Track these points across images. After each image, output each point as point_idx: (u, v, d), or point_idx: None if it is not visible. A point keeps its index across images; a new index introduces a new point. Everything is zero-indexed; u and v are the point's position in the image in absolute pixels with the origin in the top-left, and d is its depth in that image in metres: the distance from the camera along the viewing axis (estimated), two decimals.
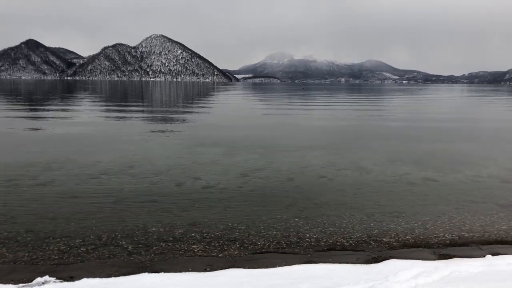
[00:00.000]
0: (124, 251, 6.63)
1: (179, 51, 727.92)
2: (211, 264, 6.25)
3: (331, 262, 6.25)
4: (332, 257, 6.57)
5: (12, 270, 5.93)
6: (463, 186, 10.88)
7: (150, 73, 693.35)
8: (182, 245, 6.93)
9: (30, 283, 5.45)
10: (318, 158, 14.17)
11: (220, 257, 6.55)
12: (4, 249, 6.63)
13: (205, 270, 5.99)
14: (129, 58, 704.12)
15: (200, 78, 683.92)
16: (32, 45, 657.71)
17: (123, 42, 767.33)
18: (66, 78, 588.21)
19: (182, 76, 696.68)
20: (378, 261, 6.38)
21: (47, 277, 5.60)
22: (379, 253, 6.78)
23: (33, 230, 7.39)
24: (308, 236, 7.40)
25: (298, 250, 6.86)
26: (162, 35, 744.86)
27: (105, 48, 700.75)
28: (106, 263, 6.22)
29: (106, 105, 44.80)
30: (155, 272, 5.85)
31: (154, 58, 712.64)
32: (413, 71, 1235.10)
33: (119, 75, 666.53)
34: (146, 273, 5.78)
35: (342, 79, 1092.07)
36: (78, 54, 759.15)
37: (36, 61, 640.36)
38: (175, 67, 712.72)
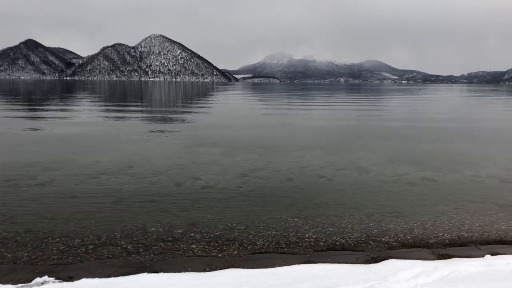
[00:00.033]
0: (123, 251, 6.63)
1: (179, 51, 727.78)
2: (211, 264, 6.25)
3: (330, 262, 6.25)
4: (331, 257, 6.57)
5: (11, 270, 5.93)
6: (462, 186, 10.89)
7: (150, 73, 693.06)
8: (181, 245, 6.93)
9: (29, 283, 5.45)
10: (318, 158, 14.17)
11: (219, 257, 6.55)
12: (3, 249, 6.62)
13: (204, 270, 5.99)
14: (128, 58, 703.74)
15: (199, 78, 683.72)
16: (31, 45, 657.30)
17: (122, 42, 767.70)
18: (65, 78, 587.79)
19: (182, 76, 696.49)
20: (377, 261, 6.38)
21: (46, 277, 5.60)
22: (379, 253, 6.79)
23: (32, 230, 7.38)
24: (307, 236, 7.40)
25: (297, 250, 6.86)
26: (161, 35, 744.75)
27: (104, 48, 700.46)
28: (105, 263, 6.21)
29: (105, 105, 44.78)
30: (155, 272, 5.84)
31: (154, 58, 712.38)
32: (412, 71, 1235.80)
33: (118, 75, 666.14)
34: (146, 273, 5.77)
35: (342, 79, 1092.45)
36: (77, 54, 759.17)
37: (35, 61, 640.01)
38: (175, 67, 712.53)
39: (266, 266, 6.11)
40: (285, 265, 6.14)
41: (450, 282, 5.35)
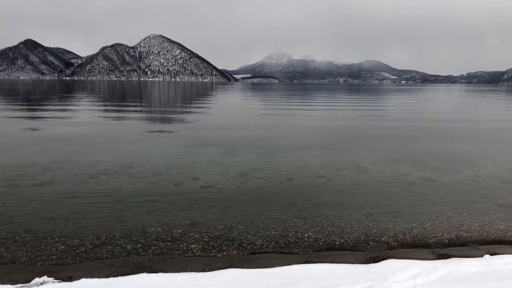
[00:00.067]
0: (122, 251, 6.63)
1: (178, 51, 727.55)
2: (210, 264, 6.25)
3: (330, 262, 6.25)
4: (330, 257, 6.57)
5: (10, 271, 5.92)
6: (462, 186, 10.90)
7: (149, 73, 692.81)
8: (180, 245, 6.93)
9: (28, 284, 5.45)
10: (317, 158, 14.18)
11: (218, 257, 6.55)
12: (2, 249, 6.62)
13: (203, 270, 5.99)
14: (127, 58, 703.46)
15: (198, 78, 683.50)
16: (30, 45, 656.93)
17: (122, 42, 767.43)
18: (64, 78, 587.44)
19: (181, 76, 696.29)
20: (376, 261, 6.39)
21: (46, 277, 5.60)
22: (378, 253, 6.79)
23: (31, 230, 7.38)
24: (306, 236, 7.41)
25: (296, 250, 6.87)
26: (160, 35, 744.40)
27: (103, 48, 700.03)
28: (104, 263, 6.21)
29: (105, 105, 44.76)
30: (154, 272, 5.84)
31: (153, 58, 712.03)
32: (411, 71, 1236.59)
33: (118, 75, 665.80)
34: (145, 273, 5.77)
35: (341, 79, 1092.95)
36: (77, 54, 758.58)
37: (34, 61, 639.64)
38: (174, 67, 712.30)
39: (265, 266, 6.12)
40: (284, 265, 6.15)
41: (449, 282, 5.35)
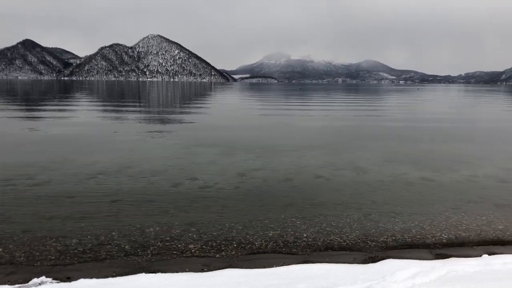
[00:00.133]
0: (121, 252, 6.62)
1: (176, 51, 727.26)
2: (209, 264, 6.25)
3: (328, 262, 6.26)
4: (329, 257, 6.58)
5: (8, 271, 5.91)
6: (460, 186, 10.92)
7: (147, 73, 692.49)
8: (179, 245, 6.92)
9: (26, 284, 5.44)
10: (316, 158, 14.18)
11: (217, 257, 6.55)
12: (0, 249, 6.60)
13: (202, 270, 5.99)
14: (126, 58, 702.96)
15: (197, 78, 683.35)
16: (28, 45, 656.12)
17: (120, 42, 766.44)
18: (63, 78, 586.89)
19: (179, 76, 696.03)
20: (375, 261, 6.39)
21: (44, 277, 5.59)
22: (376, 253, 6.80)
23: (30, 230, 7.36)
24: (305, 236, 7.41)
25: (295, 250, 6.87)
26: (159, 35, 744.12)
27: (102, 48, 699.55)
28: (103, 264, 6.20)
29: (103, 105, 44.71)
30: (152, 272, 5.84)
31: (151, 58, 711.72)
32: (410, 71, 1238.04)
33: (116, 75, 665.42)
34: (143, 273, 5.77)
35: (339, 79, 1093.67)
36: (75, 54, 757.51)
37: (32, 61, 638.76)
38: (172, 67, 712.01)
39: (264, 266, 6.12)
40: (283, 265, 6.15)
41: (448, 282, 5.36)
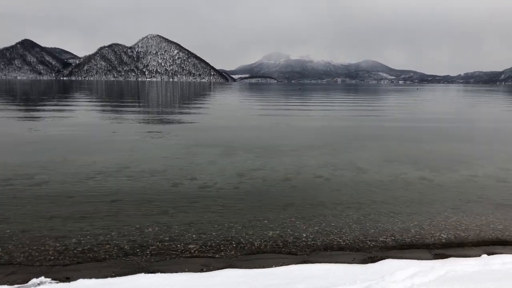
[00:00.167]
0: (120, 252, 6.62)
1: (176, 51, 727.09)
2: (208, 264, 6.25)
3: (328, 262, 6.26)
4: (328, 257, 6.58)
5: (7, 271, 5.90)
6: (459, 186, 10.93)
7: (147, 73, 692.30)
8: (178, 245, 6.92)
9: (25, 284, 5.43)
10: (315, 158, 14.19)
11: (216, 257, 6.55)
12: None
13: (201, 271, 5.99)
14: (125, 58, 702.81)
15: (196, 78, 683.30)
16: (27, 45, 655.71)
17: (119, 42, 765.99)
18: (62, 78, 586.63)
19: (179, 76, 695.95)
20: (374, 260, 6.40)
21: (43, 278, 5.58)
22: (376, 253, 6.80)
23: (29, 230, 7.36)
24: (304, 236, 7.41)
25: (294, 250, 6.87)
26: (158, 35, 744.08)
27: (101, 48, 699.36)
28: (102, 264, 6.20)
29: (103, 105, 44.67)
30: (152, 272, 5.83)
31: (151, 58, 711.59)
32: (409, 71, 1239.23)
33: (115, 75, 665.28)
34: (143, 273, 5.77)
35: (339, 79, 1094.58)
36: (74, 54, 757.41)
37: (31, 61, 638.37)
38: (172, 67, 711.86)
39: (263, 266, 6.11)
40: (282, 265, 6.15)
41: (447, 282, 5.36)
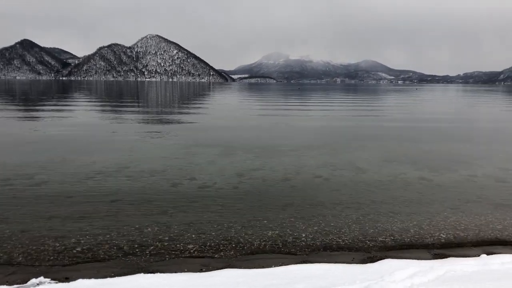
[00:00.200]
0: (119, 252, 6.61)
1: (175, 51, 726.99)
2: (207, 264, 6.25)
3: (327, 262, 6.26)
4: (327, 257, 6.58)
5: (6, 271, 5.89)
6: (459, 186, 10.93)
7: (146, 73, 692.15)
8: (178, 245, 6.92)
9: (25, 284, 5.42)
10: (315, 158, 14.19)
11: (216, 257, 6.54)
12: None
13: (200, 271, 5.99)
14: (124, 58, 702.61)
15: (196, 78, 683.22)
16: (27, 45, 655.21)
17: (119, 42, 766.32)
18: (61, 78, 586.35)
19: (178, 76, 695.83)
20: (373, 260, 6.40)
21: (42, 278, 5.58)
22: (375, 252, 6.80)
23: (28, 230, 7.35)
24: (304, 236, 7.41)
25: (294, 250, 6.87)
26: (157, 35, 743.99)
27: (100, 48, 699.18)
28: (101, 264, 6.19)
29: (102, 105, 44.65)
30: (151, 272, 5.83)
31: (150, 58, 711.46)
32: (408, 71, 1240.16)
33: (115, 75, 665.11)
34: (142, 273, 5.76)
35: (338, 79, 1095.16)
36: (73, 54, 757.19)
37: (31, 61, 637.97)
38: (171, 67, 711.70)
39: (262, 266, 6.12)
40: (281, 265, 6.15)
41: (446, 282, 5.37)
